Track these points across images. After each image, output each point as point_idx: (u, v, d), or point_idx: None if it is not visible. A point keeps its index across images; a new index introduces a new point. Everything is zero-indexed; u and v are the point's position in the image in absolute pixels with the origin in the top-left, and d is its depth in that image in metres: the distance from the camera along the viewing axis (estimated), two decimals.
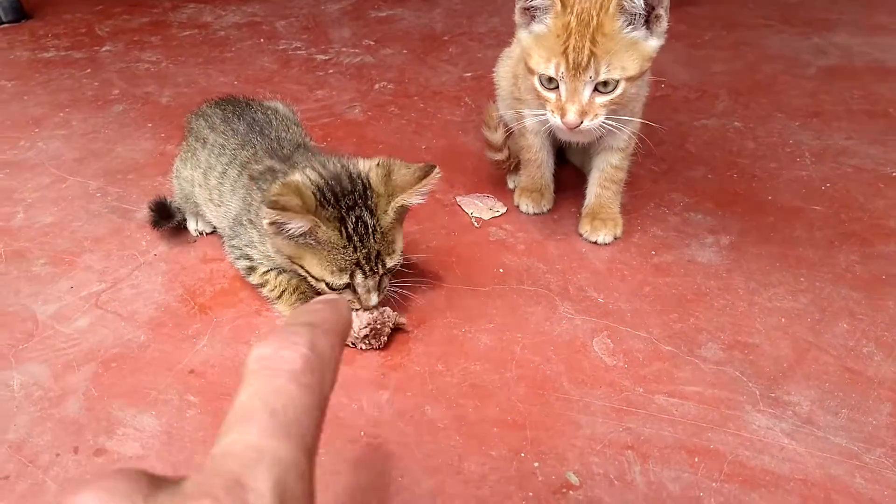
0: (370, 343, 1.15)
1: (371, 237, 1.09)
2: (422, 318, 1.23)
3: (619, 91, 1.19)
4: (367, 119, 1.93)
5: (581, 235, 1.43)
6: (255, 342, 1.15)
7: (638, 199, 1.56)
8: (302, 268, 1.12)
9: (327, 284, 1.11)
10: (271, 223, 1.04)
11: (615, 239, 1.42)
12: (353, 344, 1.15)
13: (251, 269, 1.22)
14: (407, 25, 2.58)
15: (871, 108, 1.93)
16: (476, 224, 1.49)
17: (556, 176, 1.55)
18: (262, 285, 1.22)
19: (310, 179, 1.09)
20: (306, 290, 1.21)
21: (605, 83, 1.18)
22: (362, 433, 1.02)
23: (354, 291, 1.13)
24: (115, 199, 1.56)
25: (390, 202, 1.11)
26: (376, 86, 2.12)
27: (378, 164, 1.14)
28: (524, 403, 1.06)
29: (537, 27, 1.22)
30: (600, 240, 1.41)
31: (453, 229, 1.48)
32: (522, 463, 0.97)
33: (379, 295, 1.14)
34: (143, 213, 1.51)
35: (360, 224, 1.08)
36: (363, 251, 1.09)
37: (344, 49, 2.38)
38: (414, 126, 1.89)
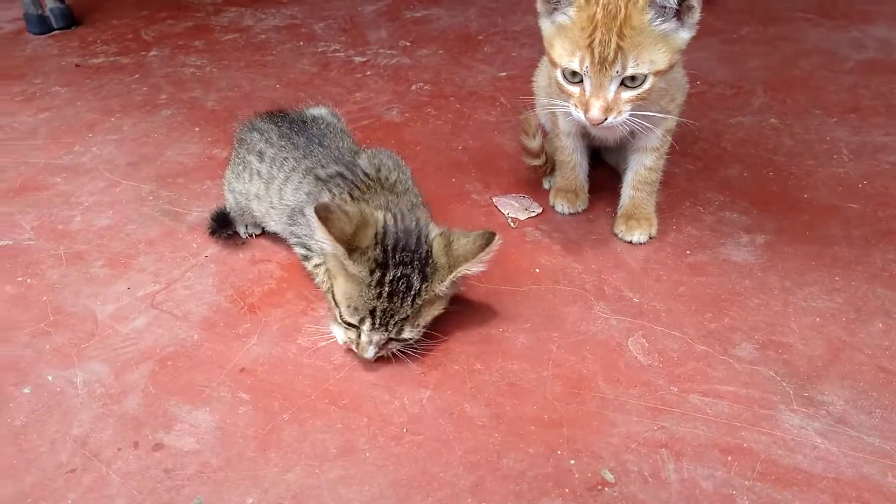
0: None
1: (407, 300, 1.10)
2: (460, 317, 1.27)
3: (647, 86, 1.16)
4: (405, 120, 1.97)
5: (616, 235, 1.46)
6: (301, 342, 1.21)
7: (673, 197, 1.57)
8: (332, 286, 1.16)
9: (339, 314, 1.13)
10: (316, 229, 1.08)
11: (650, 238, 1.44)
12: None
13: (306, 258, 1.28)
14: (442, 25, 2.62)
15: None
16: (512, 224, 1.53)
17: (591, 176, 1.57)
18: (314, 276, 1.28)
19: (385, 223, 1.11)
20: None
21: (632, 78, 1.15)
22: (405, 429, 1.07)
23: (357, 335, 1.14)
24: (167, 203, 1.64)
25: (451, 272, 1.12)
26: (413, 87, 2.16)
27: (441, 234, 1.16)
28: (560, 402, 1.10)
29: (560, 17, 1.18)
30: (635, 239, 1.43)
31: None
32: (559, 460, 1.01)
33: (377, 352, 1.13)
34: (195, 215, 1.58)
35: (402, 282, 1.09)
36: (385, 304, 1.09)
37: (381, 50, 2.42)
38: (450, 127, 1.93)
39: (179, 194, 1.67)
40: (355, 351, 1.15)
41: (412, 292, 1.10)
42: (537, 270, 1.39)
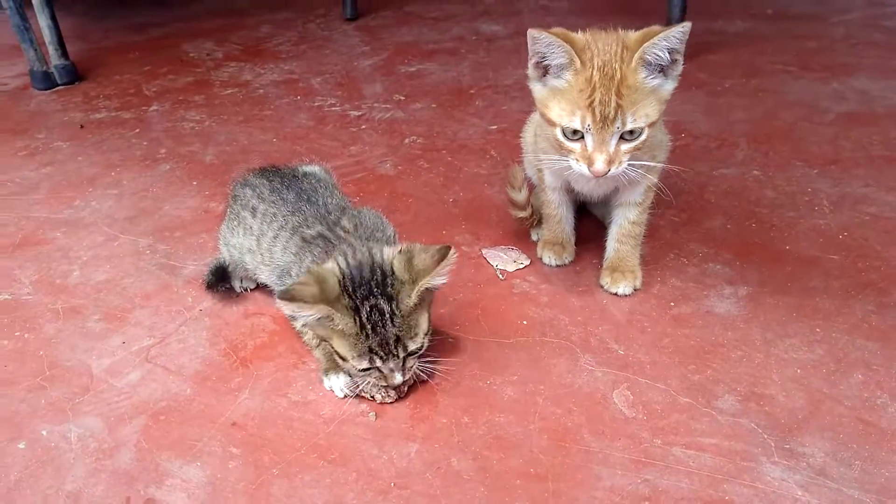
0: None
1: (388, 323, 1.14)
2: (448, 369, 1.29)
3: (643, 137, 1.24)
4: (398, 173, 2.02)
5: (602, 287, 1.49)
6: (292, 395, 1.23)
7: (658, 249, 1.61)
8: (332, 347, 1.19)
9: (353, 368, 1.17)
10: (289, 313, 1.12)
11: (635, 290, 1.47)
12: (372, 397, 1.23)
13: (293, 318, 1.31)
14: (435, 79, 2.70)
15: (891, 154, 1.96)
16: (501, 276, 1.56)
17: (578, 229, 1.61)
18: (302, 334, 1.31)
19: (339, 268, 1.17)
20: None
21: (630, 132, 1.23)
22: (392, 484, 1.08)
23: (379, 371, 1.18)
24: (163, 256, 1.67)
25: (414, 287, 1.16)
26: (406, 140, 2.22)
27: (400, 251, 1.20)
28: (546, 455, 1.12)
29: (555, 81, 1.26)
30: (620, 291, 1.46)
31: (479, 282, 1.55)
32: None
33: (404, 374, 1.19)
34: (190, 269, 1.61)
35: (374, 312, 1.14)
36: (376, 338, 1.14)
37: (376, 104, 2.49)
38: (442, 179, 1.98)
39: (176, 248, 1.71)
40: (386, 384, 1.19)
41: (387, 315, 1.14)
42: (524, 322, 1.42)
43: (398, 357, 1.17)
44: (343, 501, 1.06)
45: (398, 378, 1.18)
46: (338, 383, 1.25)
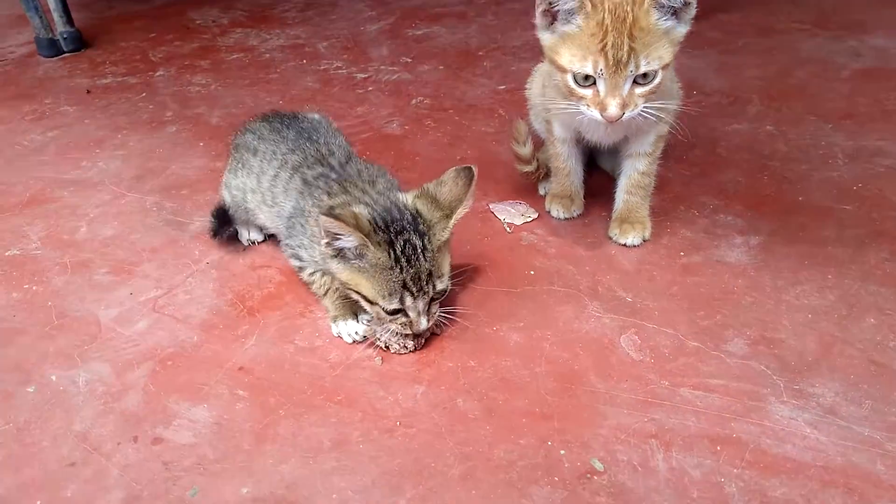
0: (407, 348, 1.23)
1: (420, 257, 1.15)
2: (455, 318, 1.28)
3: (657, 80, 1.21)
4: (405, 133, 2.01)
5: (611, 238, 1.48)
6: (299, 341, 1.23)
7: (668, 202, 1.59)
8: (358, 293, 1.18)
9: (382, 309, 1.17)
10: (327, 234, 1.11)
11: (644, 241, 1.46)
12: (386, 347, 1.22)
13: (300, 269, 1.31)
14: (443, 42, 2.67)
15: None
16: (508, 229, 1.55)
17: (586, 182, 1.60)
18: (310, 284, 1.31)
19: (369, 211, 1.16)
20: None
21: (644, 75, 1.20)
22: (398, 423, 1.08)
23: (406, 315, 1.18)
24: (170, 213, 1.67)
25: (451, 219, 1.19)
26: (413, 101, 2.20)
27: (418, 196, 1.21)
28: (552, 396, 1.11)
29: (565, 27, 1.22)
30: (629, 242, 1.45)
31: (486, 235, 1.54)
32: (549, 451, 1.02)
33: (429, 320, 1.19)
34: (197, 224, 1.61)
35: (407, 246, 1.14)
36: (410, 271, 1.14)
37: (382, 67, 2.47)
38: (449, 138, 1.96)
39: (183, 205, 1.71)
40: (411, 331, 1.18)
41: (419, 250, 1.14)
42: (532, 272, 1.40)
43: (428, 294, 1.17)
44: (349, 439, 1.06)
45: (423, 324, 1.17)
46: (346, 329, 1.25)
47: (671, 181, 1.67)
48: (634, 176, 1.46)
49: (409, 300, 1.16)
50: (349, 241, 1.11)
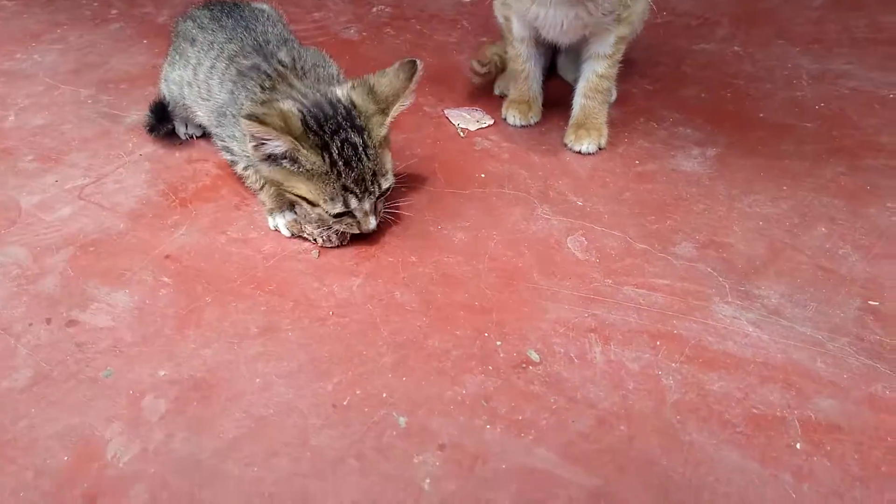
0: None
1: (363, 157, 1.08)
2: (399, 216, 1.23)
3: None
4: (362, 39, 1.92)
5: (566, 145, 1.43)
6: (231, 233, 1.17)
7: (628, 114, 1.54)
8: (297, 196, 1.11)
9: (325, 212, 1.10)
10: (252, 138, 1.03)
11: (599, 149, 1.41)
12: (314, 240, 1.17)
13: (234, 163, 1.23)
14: None
15: (876, 35, 1.88)
16: (462, 134, 1.49)
17: (546, 90, 1.53)
18: (244, 178, 1.23)
19: (297, 107, 1.08)
20: None
21: None
22: (331, 313, 1.03)
23: (353, 216, 1.12)
24: (106, 106, 1.57)
25: (387, 114, 1.11)
26: (374, 9, 2.10)
27: (354, 86, 1.13)
28: (493, 291, 1.07)
29: None
30: (584, 149, 1.40)
31: (438, 139, 1.47)
32: (486, 342, 0.98)
33: (376, 217, 1.14)
34: (134, 118, 1.52)
35: (346, 147, 1.06)
36: (353, 174, 1.07)
37: None
38: (409, 46, 1.88)
39: (120, 99, 1.61)
40: (360, 231, 1.13)
41: (360, 149, 1.07)
42: (483, 176, 1.35)
43: (374, 194, 1.10)
44: (278, 327, 1.01)
45: (372, 223, 1.12)
46: (282, 222, 1.19)
47: (633, 95, 1.61)
48: (593, 79, 1.40)
49: (353, 202, 1.10)
50: (277, 145, 1.04)
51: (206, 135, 1.44)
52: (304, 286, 1.09)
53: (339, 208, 1.10)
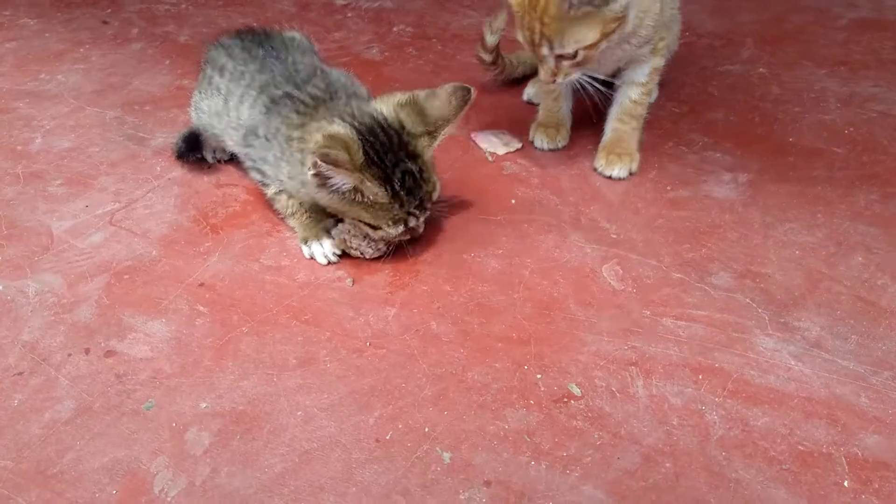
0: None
1: (421, 183, 1.10)
2: (430, 243, 1.23)
3: (580, 57, 1.20)
4: (385, 59, 1.92)
5: (596, 170, 1.42)
6: (264, 260, 1.17)
7: (657, 138, 1.53)
8: (355, 219, 1.12)
9: (388, 233, 1.12)
10: (317, 176, 1.04)
11: (630, 174, 1.40)
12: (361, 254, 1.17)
13: (264, 185, 1.23)
14: None
15: None
16: (490, 158, 1.48)
17: (574, 113, 1.53)
18: (274, 202, 1.23)
19: (354, 133, 1.07)
20: (317, 211, 1.21)
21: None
22: (368, 343, 1.03)
23: (409, 228, 1.14)
24: (132, 128, 1.58)
25: (435, 138, 1.12)
26: (395, 29, 2.10)
27: (401, 105, 1.13)
28: (530, 322, 1.06)
29: None
30: (615, 174, 1.39)
31: (467, 163, 1.47)
32: (525, 375, 0.97)
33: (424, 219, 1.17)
34: (160, 140, 1.52)
35: (406, 178, 1.08)
36: (414, 201, 1.10)
37: None
38: (431, 66, 1.88)
39: (145, 121, 1.61)
40: (411, 236, 1.17)
41: (416, 175, 1.09)
42: (513, 201, 1.35)
43: (428, 210, 1.14)
44: (316, 358, 1.00)
45: (422, 228, 1.17)
46: (319, 250, 1.18)
47: (661, 118, 1.61)
48: (626, 103, 1.40)
49: (413, 221, 1.13)
50: (345, 182, 1.05)
51: (232, 158, 1.44)
52: (340, 315, 1.08)
53: (400, 229, 1.11)
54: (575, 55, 1.19)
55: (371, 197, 1.07)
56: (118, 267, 1.17)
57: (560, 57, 1.20)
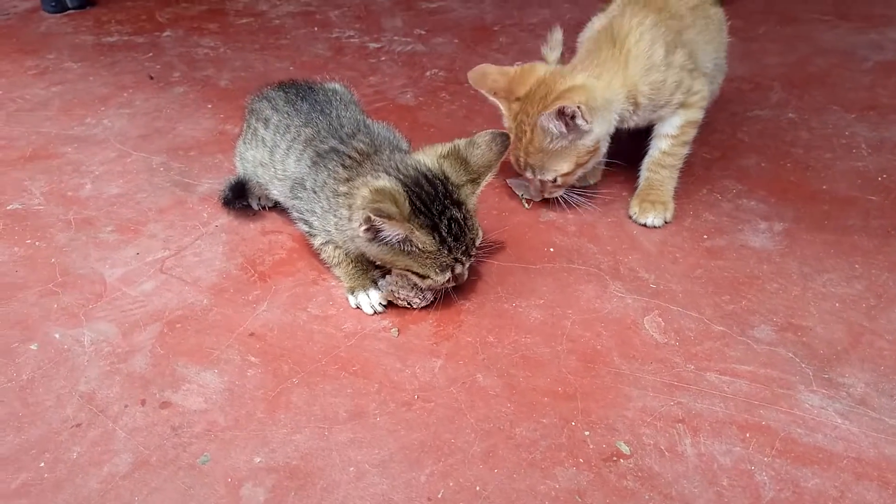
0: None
1: (466, 230, 1.13)
2: (472, 292, 1.25)
3: (560, 181, 1.39)
4: (419, 104, 1.96)
5: (630, 217, 1.44)
6: (312, 309, 1.19)
7: (690, 184, 1.55)
8: (404, 269, 1.15)
9: (435, 282, 1.15)
10: (368, 229, 1.07)
11: (665, 222, 1.42)
12: (409, 304, 1.20)
13: (311, 235, 1.26)
14: (457, 16, 2.61)
15: None
16: (526, 205, 1.51)
17: (610, 155, 1.55)
18: (320, 252, 1.26)
19: (397, 185, 1.11)
20: (363, 262, 1.24)
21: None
22: (416, 396, 1.05)
23: (455, 275, 1.17)
24: (178, 174, 1.62)
25: (478, 186, 1.16)
26: (427, 73, 2.15)
27: (444, 156, 1.17)
28: (574, 375, 1.08)
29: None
30: (649, 222, 1.41)
31: (503, 210, 1.50)
32: (573, 431, 0.99)
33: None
34: (206, 186, 1.57)
35: (453, 225, 1.11)
36: (460, 248, 1.13)
37: (395, 38, 2.41)
38: (465, 111, 1.92)
39: (191, 166, 1.66)
40: (456, 283, 1.20)
41: (461, 223, 1.13)
42: (551, 250, 1.37)
43: (473, 256, 1.17)
44: (365, 411, 1.02)
45: (466, 274, 1.19)
46: (366, 301, 1.21)
47: (693, 164, 1.63)
48: (656, 155, 1.44)
49: (459, 268, 1.15)
50: (397, 234, 1.08)
51: (277, 205, 1.47)
52: (387, 367, 1.10)
53: (447, 276, 1.14)
54: (555, 180, 1.38)
55: (420, 246, 1.10)
56: (170, 316, 1.20)
57: (542, 181, 1.39)
